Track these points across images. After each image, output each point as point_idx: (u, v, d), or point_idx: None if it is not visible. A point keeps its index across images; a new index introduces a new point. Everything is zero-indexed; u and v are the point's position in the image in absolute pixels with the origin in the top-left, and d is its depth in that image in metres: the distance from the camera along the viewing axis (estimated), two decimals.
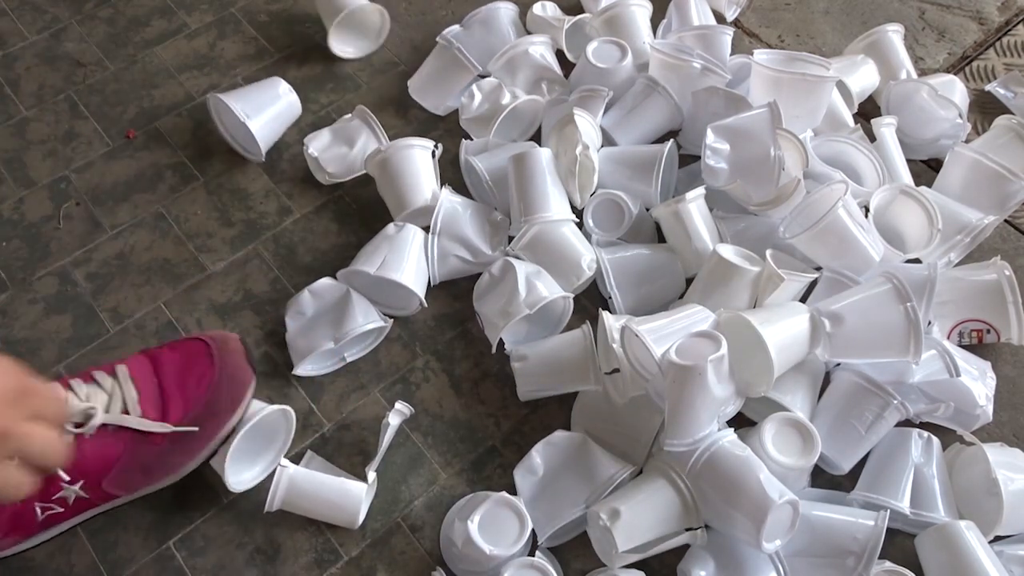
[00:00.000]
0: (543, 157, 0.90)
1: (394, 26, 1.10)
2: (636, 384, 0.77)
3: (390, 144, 0.93)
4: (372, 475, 0.78)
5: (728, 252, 0.83)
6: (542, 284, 0.84)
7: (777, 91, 0.92)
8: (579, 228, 0.90)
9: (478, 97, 0.99)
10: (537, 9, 1.09)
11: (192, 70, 1.08)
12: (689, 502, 0.72)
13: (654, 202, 0.92)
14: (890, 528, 0.72)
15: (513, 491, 0.76)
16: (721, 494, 0.71)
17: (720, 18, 1.12)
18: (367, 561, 0.77)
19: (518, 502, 0.74)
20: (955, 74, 1.09)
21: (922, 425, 0.81)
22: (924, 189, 0.90)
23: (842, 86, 0.98)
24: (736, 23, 1.14)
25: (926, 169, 1.01)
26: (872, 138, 0.96)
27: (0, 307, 0.89)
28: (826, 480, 0.80)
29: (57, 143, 1.01)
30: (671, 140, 0.94)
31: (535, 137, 1.02)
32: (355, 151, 0.97)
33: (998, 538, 0.75)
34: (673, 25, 1.07)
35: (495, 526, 0.73)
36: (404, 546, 0.78)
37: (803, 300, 0.84)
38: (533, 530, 0.74)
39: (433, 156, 0.95)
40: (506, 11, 1.06)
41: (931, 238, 0.86)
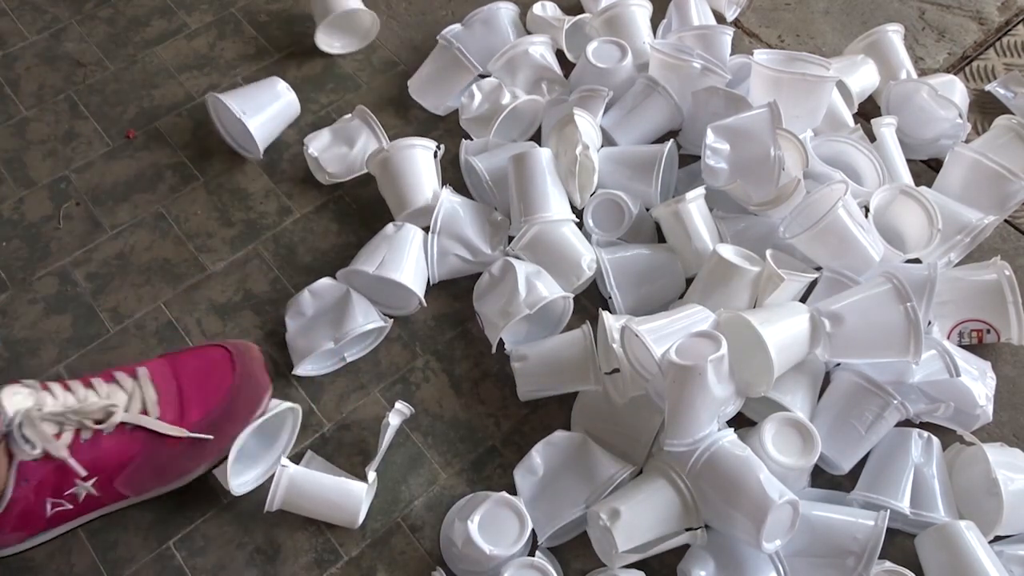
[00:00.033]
0: (543, 157, 0.90)
1: (394, 26, 1.10)
2: (636, 384, 0.77)
3: (392, 143, 0.93)
4: (372, 475, 0.78)
5: (728, 252, 0.83)
6: (542, 284, 0.84)
7: (777, 91, 0.92)
8: (579, 228, 0.90)
9: (478, 97, 0.99)
10: (537, 9, 1.09)
11: (192, 70, 1.08)
12: (689, 502, 0.72)
13: (654, 202, 0.92)
14: (890, 528, 0.72)
15: (513, 491, 0.76)
16: (721, 494, 0.71)
17: (720, 18, 1.12)
18: (367, 561, 0.77)
19: (518, 502, 0.74)
20: (955, 74, 1.09)
21: (922, 425, 0.81)
22: (924, 189, 0.90)
23: (842, 86, 0.98)
24: (736, 23, 1.14)
25: (926, 169, 1.01)
26: (872, 138, 0.96)
27: (0, 307, 0.89)
28: (826, 480, 0.80)
29: (57, 143, 1.01)
30: (671, 140, 0.94)
31: (535, 137, 1.02)
32: (355, 151, 0.97)
33: (998, 538, 0.75)
34: (673, 25, 1.07)
35: (495, 526, 0.73)
36: (404, 546, 0.78)
37: (803, 300, 0.84)
38: (533, 530, 0.74)
39: (435, 157, 0.95)
40: (506, 11, 1.06)
41: (931, 238, 0.86)
